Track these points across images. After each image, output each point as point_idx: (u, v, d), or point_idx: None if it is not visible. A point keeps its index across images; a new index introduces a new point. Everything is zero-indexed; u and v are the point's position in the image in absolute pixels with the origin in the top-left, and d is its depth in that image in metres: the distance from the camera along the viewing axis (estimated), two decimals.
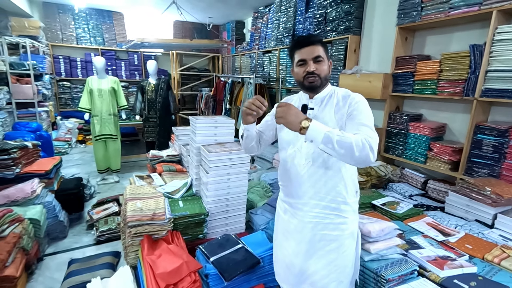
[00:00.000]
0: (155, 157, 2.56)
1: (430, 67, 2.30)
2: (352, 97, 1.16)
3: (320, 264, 1.17)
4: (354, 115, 1.10)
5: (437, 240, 1.59)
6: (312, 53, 1.13)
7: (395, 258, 1.31)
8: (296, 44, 1.18)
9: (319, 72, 1.14)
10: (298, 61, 1.16)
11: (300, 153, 1.17)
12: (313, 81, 1.14)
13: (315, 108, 1.19)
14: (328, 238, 1.16)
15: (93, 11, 5.73)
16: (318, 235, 1.17)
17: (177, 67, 6.17)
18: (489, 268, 1.35)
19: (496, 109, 2.09)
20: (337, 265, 1.17)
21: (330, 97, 1.19)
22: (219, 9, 5.29)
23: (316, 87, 1.16)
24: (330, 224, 1.16)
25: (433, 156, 2.31)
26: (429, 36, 2.48)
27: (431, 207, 2.09)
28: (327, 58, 1.18)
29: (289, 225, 1.24)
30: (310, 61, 1.13)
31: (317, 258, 1.18)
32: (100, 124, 3.46)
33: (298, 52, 1.16)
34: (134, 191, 1.92)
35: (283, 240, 1.27)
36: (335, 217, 1.16)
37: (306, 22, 3.59)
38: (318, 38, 1.18)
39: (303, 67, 1.15)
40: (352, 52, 3.05)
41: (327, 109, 1.17)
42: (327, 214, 1.16)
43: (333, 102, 1.17)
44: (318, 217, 1.17)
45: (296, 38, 1.20)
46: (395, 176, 2.58)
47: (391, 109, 2.69)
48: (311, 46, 1.13)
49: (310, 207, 1.17)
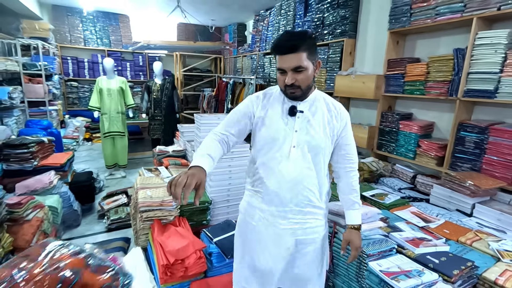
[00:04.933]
0: (162, 152, 2.74)
1: (418, 69, 2.46)
2: (342, 112, 1.18)
3: (301, 267, 1.20)
4: (348, 137, 1.19)
5: (418, 226, 1.75)
6: (292, 64, 1.02)
7: (377, 238, 1.48)
8: (276, 49, 1.06)
9: (299, 83, 1.05)
10: (278, 68, 1.07)
11: (287, 159, 1.10)
12: (294, 92, 1.07)
13: (305, 112, 1.13)
14: (307, 242, 1.17)
15: (100, 14, 5.94)
16: (298, 240, 1.16)
17: (181, 68, 6.36)
18: (461, 248, 1.52)
19: (479, 108, 2.25)
20: (315, 263, 1.22)
21: (318, 101, 1.16)
22: (222, 12, 5.47)
23: (298, 97, 1.10)
24: (308, 228, 1.16)
25: (422, 152, 2.48)
26: (419, 40, 2.65)
27: (417, 199, 2.26)
28: (314, 60, 1.08)
29: (265, 234, 1.17)
30: (290, 72, 1.03)
31: (298, 261, 1.19)
32: (108, 121, 3.66)
33: (278, 58, 1.06)
34: (144, 182, 2.10)
35: (259, 249, 1.19)
36: (314, 221, 1.17)
37: (305, 26, 3.76)
38: (303, 41, 1.02)
39: (283, 76, 1.06)
40: (348, 55, 3.22)
41: (318, 115, 1.13)
42: (308, 219, 1.16)
43: (323, 108, 1.14)
44: (300, 223, 1.15)
45: (278, 38, 1.05)
46: (387, 171, 2.74)
47: (383, 108, 2.86)
48: (292, 55, 1.02)
49: (293, 213, 1.14)
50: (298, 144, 1.11)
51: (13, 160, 2.43)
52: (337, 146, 1.19)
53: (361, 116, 3.23)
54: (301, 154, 1.11)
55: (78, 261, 0.65)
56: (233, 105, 4.98)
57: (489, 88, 1.98)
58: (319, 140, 1.12)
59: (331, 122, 1.14)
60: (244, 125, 1.17)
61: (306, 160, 1.11)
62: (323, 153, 1.14)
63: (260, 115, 1.16)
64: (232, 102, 4.99)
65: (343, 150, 1.19)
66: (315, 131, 1.12)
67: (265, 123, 1.14)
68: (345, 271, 1.50)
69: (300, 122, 1.12)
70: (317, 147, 1.12)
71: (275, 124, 1.13)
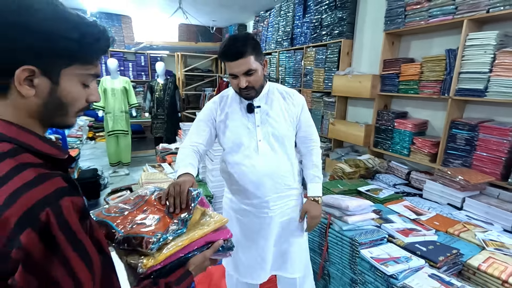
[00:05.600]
0: (165, 150, 2.84)
1: (412, 69, 2.55)
2: (298, 97, 1.28)
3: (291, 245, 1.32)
4: (306, 119, 1.30)
5: (410, 218, 1.84)
6: (242, 68, 1.08)
7: (369, 228, 1.57)
8: (223, 56, 1.11)
9: (252, 84, 1.12)
10: (229, 74, 1.12)
11: (257, 153, 1.18)
12: (248, 94, 1.15)
13: (262, 106, 1.21)
14: (290, 222, 1.32)
15: (103, 15, 6.04)
16: (283, 223, 1.29)
17: (182, 68, 6.46)
18: (449, 238, 1.60)
19: (470, 107, 2.34)
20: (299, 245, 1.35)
21: (273, 93, 1.24)
22: (222, 13, 5.56)
23: (253, 97, 1.19)
24: (288, 209, 1.30)
25: (416, 150, 2.56)
26: (413, 41, 2.73)
27: (411, 194, 2.34)
28: (261, 61, 1.13)
29: (253, 226, 1.26)
30: (241, 76, 1.09)
31: (287, 242, 1.31)
32: (113, 120, 3.76)
33: (228, 64, 1.10)
34: (149, 177, 2.20)
35: (248, 242, 1.27)
36: (290, 202, 1.30)
37: (304, 27, 3.85)
38: (247, 45, 1.07)
39: (236, 80, 1.12)
40: (345, 55, 3.31)
41: (275, 105, 1.23)
42: (286, 202, 1.28)
43: (279, 99, 1.23)
44: (281, 208, 1.26)
45: (223, 48, 1.09)
46: (382, 168, 2.83)
47: (379, 107, 2.95)
48: (240, 60, 1.07)
49: (274, 201, 1.23)
50: (263, 137, 1.20)
51: None
52: (298, 129, 1.31)
53: (358, 114, 3.32)
54: (268, 146, 1.20)
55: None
56: None
57: (479, 87, 2.06)
58: (282, 128, 1.22)
59: (289, 109, 1.24)
60: (209, 132, 1.24)
61: (274, 150, 1.21)
62: (288, 139, 1.26)
63: (221, 118, 1.23)
64: None
65: (303, 132, 1.32)
66: (276, 121, 1.22)
67: (227, 125, 1.22)
68: (339, 259, 1.59)
69: (260, 117, 1.22)
70: (281, 135, 1.22)
71: (237, 124, 1.21)
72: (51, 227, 0.45)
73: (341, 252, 1.56)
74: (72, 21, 0.54)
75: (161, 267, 0.66)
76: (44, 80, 0.52)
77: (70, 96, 0.56)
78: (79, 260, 0.48)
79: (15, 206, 0.45)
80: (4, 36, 0.49)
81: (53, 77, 0.53)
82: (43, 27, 0.50)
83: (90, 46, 0.56)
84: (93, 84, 0.61)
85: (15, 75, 0.50)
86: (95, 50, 0.57)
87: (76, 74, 0.56)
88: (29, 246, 0.43)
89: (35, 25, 0.50)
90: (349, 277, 1.52)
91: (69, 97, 0.56)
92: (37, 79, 0.51)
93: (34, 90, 0.52)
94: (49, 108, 0.55)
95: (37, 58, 0.51)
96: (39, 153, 0.53)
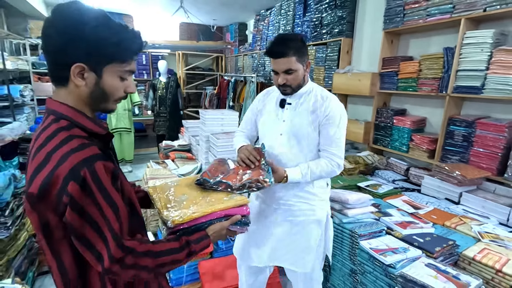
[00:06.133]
0: (168, 146, 2.89)
1: (411, 67, 2.60)
2: (329, 102, 1.25)
3: (287, 246, 1.33)
4: (329, 125, 1.23)
5: (408, 212, 1.89)
6: (283, 67, 1.18)
7: (368, 221, 1.63)
8: (268, 53, 1.22)
9: (290, 83, 1.21)
10: (272, 70, 1.23)
11: (275, 145, 1.29)
12: (285, 90, 1.25)
13: (292, 104, 1.28)
14: (294, 223, 1.32)
15: None
16: (286, 221, 1.31)
17: (183, 67, 6.49)
18: (446, 231, 1.66)
19: (468, 104, 2.38)
20: (301, 246, 1.33)
21: (308, 94, 1.28)
22: (223, 12, 5.59)
23: (289, 94, 1.27)
24: (297, 211, 1.30)
25: (414, 146, 2.61)
26: (412, 40, 2.78)
27: (409, 189, 2.40)
28: (303, 62, 1.21)
29: (259, 210, 1.36)
30: (281, 73, 1.19)
31: (284, 240, 1.33)
32: (116, 118, 3.81)
33: (272, 61, 1.22)
34: (153, 173, 2.25)
35: (254, 224, 1.31)
36: (302, 204, 1.30)
37: (304, 25, 3.89)
38: (291, 46, 1.16)
39: (277, 76, 1.22)
40: (345, 53, 3.35)
41: (304, 105, 1.27)
42: (295, 201, 1.30)
43: (311, 99, 1.27)
44: (287, 204, 1.30)
45: (269, 46, 1.20)
46: (381, 164, 2.88)
47: (378, 104, 2.99)
48: (282, 59, 1.16)
49: (282, 197, 1.30)
50: (284, 132, 1.28)
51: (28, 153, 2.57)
52: (319, 135, 1.28)
53: (358, 112, 3.37)
54: (286, 142, 1.27)
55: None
56: (234, 102, 5.12)
57: (476, 84, 2.11)
58: (301, 128, 1.26)
59: (315, 112, 1.25)
60: (254, 120, 1.43)
61: (291, 146, 1.27)
62: (307, 140, 1.27)
63: (260, 108, 1.40)
64: (233, 100, 5.13)
65: (322, 139, 1.27)
66: (299, 120, 1.27)
67: (262, 114, 1.38)
68: (339, 251, 1.65)
69: (287, 113, 1.30)
70: (298, 134, 1.27)
71: (268, 115, 1.35)
72: (87, 181, 0.64)
73: (341, 244, 1.62)
74: (113, 29, 0.71)
75: (186, 227, 0.82)
76: (92, 74, 0.70)
77: (111, 87, 0.73)
78: (106, 204, 0.66)
79: (64, 165, 0.63)
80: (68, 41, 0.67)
81: (98, 72, 0.71)
82: (92, 35, 0.67)
83: (126, 48, 0.73)
84: (130, 78, 0.78)
85: (71, 69, 0.68)
86: (130, 51, 0.74)
87: (116, 70, 0.73)
88: (73, 193, 0.62)
89: (88, 33, 0.67)
90: (349, 267, 1.58)
91: (110, 88, 0.73)
92: (86, 73, 0.70)
93: (84, 82, 0.70)
94: (95, 96, 0.73)
95: (86, 57, 0.68)
96: (86, 129, 0.72)
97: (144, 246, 0.71)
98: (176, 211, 0.85)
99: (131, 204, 0.79)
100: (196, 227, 0.84)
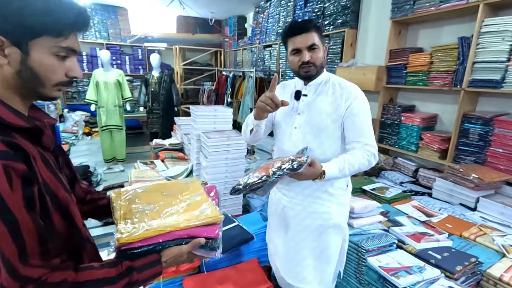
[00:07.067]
0: (158, 145, 2.70)
1: (421, 59, 2.38)
2: (350, 91, 1.16)
3: (303, 252, 1.23)
4: (354, 115, 1.12)
5: (420, 220, 1.70)
6: (307, 42, 1.10)
7: (377, 233, 1.43)
8: (289, 32, 1.14)
9: (314, 60, 1.12)
10: (292, 50, 1.14)
11: (290, 140, 1.20)
12: (309, 70, 1.14)
13: (308, 95, 1.19)
14: (311, 227, 1.21)
15: (98, 7, 5.86)
16: (301, 224, 1.21)
17: (180, 62, 6.28)
18: (465, 243, 1.46)
19: (484, 100, 2.17)
20: (320, 254, 1.22)
21: (325, 84, 1.19)
22: (221, 4, 5.37)
23: (312, 76, 1.16)
24: (313, 213, 1.20)
25: (424, 145, 2.41)
26: (422, 30, 2.56)
27: (419, 193, 2.20)
28: (322, 44, 1.14)
29: (277, 208, 1.31)
30: (305, 50, 1.10)
31: (299, 244, 1.23)
32: (106, 115, 3.61)
33: (292, 40, 1.13)
34: (139, 175, 2.06)
35: (273, 221, 1.36)
36: (319, 206, 1.19)
37: (305, 16, 3.67)
38: (313, 23, 1.12)
39: (298, 56, 1.13)
40: (349, 46, 3.14)
41: (322, 96, 1.18)
42: (310, 202, 1.19)
43: (329, 89, 1.17)
44: (301, 204, 1.20)
45: (289, 25, 1.16)
46: (388, 165, 2.68)
47: (385, 100, 2.79)
48: (305, 34, 1.09)
49: (294, 193, 1.20)
50: (299, 126, 1.19)
51: None
52: (344, 127, 1.16)
53: None
54: (301, 135, 1.18)
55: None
56: (232, 98, 4.91)
57: (496, 77, 1.90)
58: (319, 121, 1.16)
59: (335, 103, 1.15)
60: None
61: (306, 140, 1.17)
62: (325, 132, 1.16)
63: None
64: (232, 96, 4.92)
65: (349, 131, 1.16)
66: (317, 112, 1.16)
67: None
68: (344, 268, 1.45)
69: (303, 105, 1.20)
70: (317, 127, 1.16)
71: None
72: None
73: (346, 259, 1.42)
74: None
75: (135, 248, 0.66)
76: (15, 50, 0.57)
77: (43, 67, 0.60)
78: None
79: None
80: None
81: (22, 47, 0.57)
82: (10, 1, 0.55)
83: (58, 18, 0.58)
84: (72, 59, 0.64)
85: None
86: (64, 22, 0.59)
87: (48, 46, 0.59)
88: None
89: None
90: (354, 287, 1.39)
91: (42, 68, 0.60)
92: (7, 48, 0.57)
93: (6, 60, 0.57)
94: (23, 77, 0.59)
95: (5, 29, 0.56)
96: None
97: (58, 275, 0.55)
98: (131, 225, 0.68)
99: (68, 216, 0.65)
100: (148, 248, 0.67)
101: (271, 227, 1.38)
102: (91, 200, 0.86)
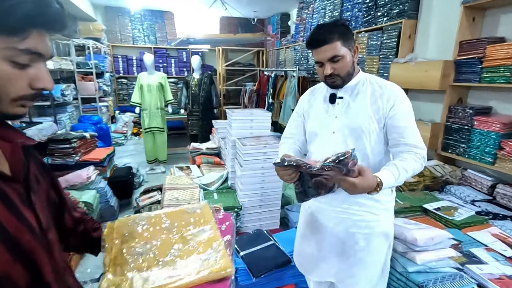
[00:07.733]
0: (195, 150, 2.63)
1: (503, 51, 1.94)
2: (391, 90, 1.09)
3: (347, 262, 1.15)
4: (398, 116, 1.06)
5: (505, 255, 1.34)
6: (327, 55, 1.05)
7: (447, 272, 1.13)
8: (308, 44, 1.11)
9: (338, 72, 1.08)
10: (316, 61, 1.11)
11: (329, 145, 1.13)
12: (334, 81, 1.10)
13: (345, 97, 1.13)
14: (357, 237, 1.13)
15: (147, 12, 6.13)
16: (346, 233, 1.14)
17: (223, 63, 6.29)
18: None
19: None
20: (366, 264, 1.13)
21: (362, 85, 1.13)
22: (264, 2, 5.23)
23: (339, 85, 1.12)
24: (359, 221, 1.13)
25: (504, 156, 1.97)
26: (504, 15, 2.10)
27: (499, 216, 1.78)
28: (350, 48, 1.08)
29: (313, 219, 1.22)
30: (327, 63, 1.06)
31: (343, 255, 1.16)
32: (149, 117, 3.70)
33: (313, 51, 1.09)
34: (173, 181, 1.99)
35: (308, 233, 1.26)
36: (365, 214, 1.12)
37: (355, 9, 3.34)
38: (334, 31, 1.04)
39: (322, 68, 1.09)
40: (407, 38, 2.75)
41: (360, 98, 1.11)
42: (356, 210, 1.12)
43: (367, 90, 1.11)
44: (347, 212, 1.13)
45: (309, 36, 1.10)
46: (454, 177, 2.26)
47: (452, 101, 2.36)
48: (326, 46, 1.04)
49: (338, 202, 1.13)
50: (338, 130, 1.13)
51: (57, 154, 2.53)
52: (388, 128, 1.09)
53: (422, 111, 2.74)
54: (341, 139, 1.12)
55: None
56: (274, 99, 4.74)
57: None
58: (359, 123, 1.09)
59: (376, 103, 1.09)
60: (301, 122, 1.28)
61: (346, 144, 1.10)
62: (366, 137, 1.09)
63: (306, 108, 1.26)
64: (273, 96, 4.75)
65: (394, 133, 1.08)
66: (355, 114, 1.10)
67: (310, 115, 1.23)
68: None
69: (340, 108, 1.14)
70: (357, 130, 1.10)
71: (317, 113, 1.20)
72: None
73: None
74: None
75: None
76: None
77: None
78: None
79: None
80: None
81: None
82: None
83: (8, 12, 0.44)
84: (39, 66, 0.49)
85: None
86: (18, 17, 0.44)
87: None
88: None
89: None
90: None
91: None
92: None
93: None
94: None
95: None
96: None
97: None
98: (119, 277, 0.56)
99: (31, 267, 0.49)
100: None
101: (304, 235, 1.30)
102: (83, 232, 0.71)
